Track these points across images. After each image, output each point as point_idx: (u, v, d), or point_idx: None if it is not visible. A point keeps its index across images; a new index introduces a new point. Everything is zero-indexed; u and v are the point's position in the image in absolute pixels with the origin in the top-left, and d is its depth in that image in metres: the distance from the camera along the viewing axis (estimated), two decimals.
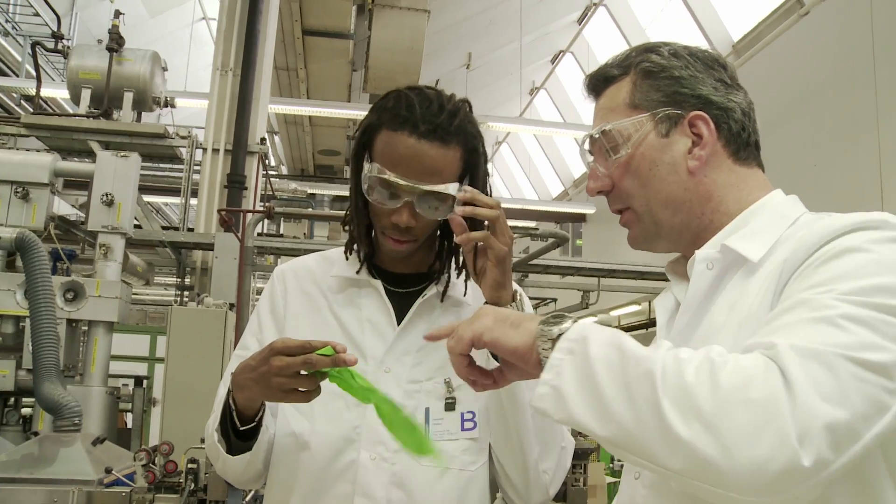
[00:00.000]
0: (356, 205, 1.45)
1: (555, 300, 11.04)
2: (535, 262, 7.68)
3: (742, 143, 1.10)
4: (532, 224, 12.27)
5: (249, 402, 1.30)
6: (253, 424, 1.34)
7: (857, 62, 8.11)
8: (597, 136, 1.11)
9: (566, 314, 0.96)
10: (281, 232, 12.13)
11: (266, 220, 7.52)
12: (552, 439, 1.43)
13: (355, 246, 1.49)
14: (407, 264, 1.48)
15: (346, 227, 1.50)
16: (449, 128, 1.34)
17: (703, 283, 1.06)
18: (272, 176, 11.06)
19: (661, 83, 1.09)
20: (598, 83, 1.16)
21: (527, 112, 16.62)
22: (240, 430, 1.33)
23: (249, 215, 5.97)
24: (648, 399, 0.80)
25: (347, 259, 1.48)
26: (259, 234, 8.04)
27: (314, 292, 1.48)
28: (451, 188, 1.35)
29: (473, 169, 1.40)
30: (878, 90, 7.75)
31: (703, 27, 11.73)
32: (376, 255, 1.50)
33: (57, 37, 8.11)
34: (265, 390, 1.21)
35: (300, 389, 1.19)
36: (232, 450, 1.36)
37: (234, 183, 7.02)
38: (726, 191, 1.09)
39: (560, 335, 0.91)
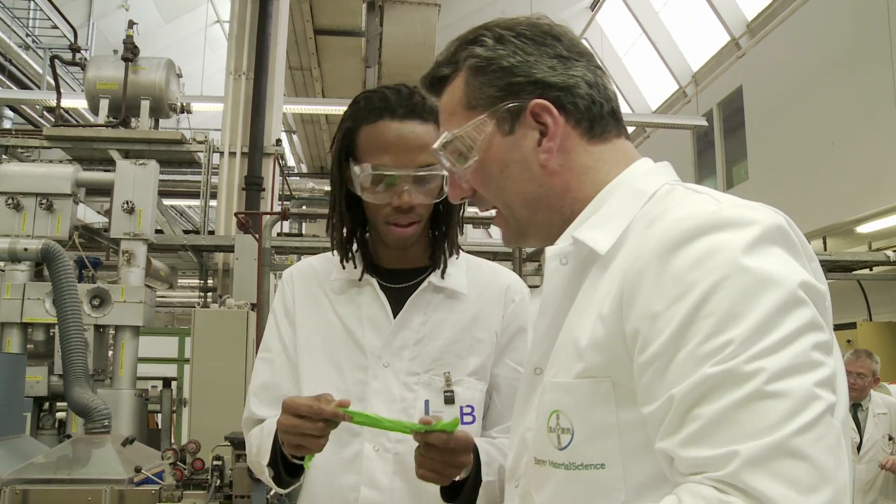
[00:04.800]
0: (340, 210, 1.50)
1: None
2: None
3: (595, 117, 0.98)
4: None
5: None
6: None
7: (873, 38, 8.00)
8: (440, 148, 1.03)
9: None
10: (302, 231, 12.28)
11: (287, 220, 7.65)
12: None
13: (347, 248, 1.53)
14: (404, 260, 1.51)
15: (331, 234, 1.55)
16: (424, 107, 1.40)
17: (558, 281, 0.96)
18: (290, 175, 11.18)
19: (493, 77, 0.98)
20: (434, 84, 1.06)
21: None
22: (290, 464, 1.39)
23: (266, 217, 6.07)
24: None
25: (344, 267, 1.52)
26: (279, 234, 8.15)
27: (318, 293, 1.53)
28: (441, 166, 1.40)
29: None
30: (894, 67, 7.66)
31: (716, 8, 11.63)
32: (374, 254, 1.55)
33: (74, 49, 8.28)
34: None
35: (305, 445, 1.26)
36: (282, 483, 1.43)
37: (252, 185, 7.15)
38: (583, 176, 0.98)
39: None
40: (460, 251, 1.57)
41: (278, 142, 7.77)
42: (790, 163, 9.46)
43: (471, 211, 1.62)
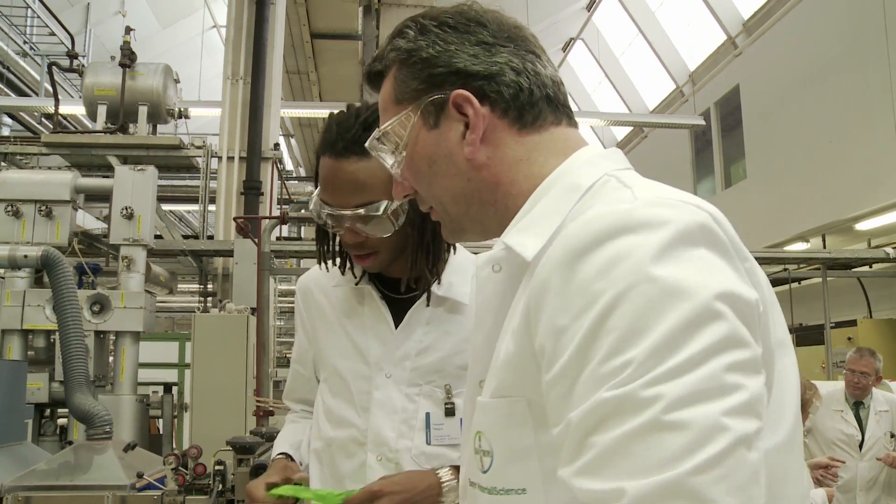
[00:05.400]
0: (317, 227, 1.52)
1: None
2: None
3: (524, 104, 0.91)
4: None
5: None
6: None
7: (870, 36, 8.02)
8: (374, 143, 0.99)
9: None
10: (301, 234, 12.27)
11: (286, 224, 7.65)
12: None
13: (339, 260, 1.55)
14: (402, 269, 1.50)
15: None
16: (365, 138, 1.38)
17: (491, 290, 0.90)
18: (288, 179, 11.19)
19: (415, 69, 0.94)
20: (373, 81, 1.03)
21: None
22: None
23: (265, 221, 6.08)
24: None
25: (343, 274, 1.54)
26: (278, 238, 8.15)
27: (324, 304, 1.56)
28: (381, 206, 1.36)
29: None
30: (891, 64, 7.67)
31: (712, 7, 11.65)
32: None
33: (72, 56, 8.29)
34: None
35: None
36: None
37: (250, 189, 7.16)
38: (515, 169, 0.91)
39: None
40: (468, 253, 1.57)
41: (276, 146, 7.78)
42: (788, 161, 9.47)
43: None
